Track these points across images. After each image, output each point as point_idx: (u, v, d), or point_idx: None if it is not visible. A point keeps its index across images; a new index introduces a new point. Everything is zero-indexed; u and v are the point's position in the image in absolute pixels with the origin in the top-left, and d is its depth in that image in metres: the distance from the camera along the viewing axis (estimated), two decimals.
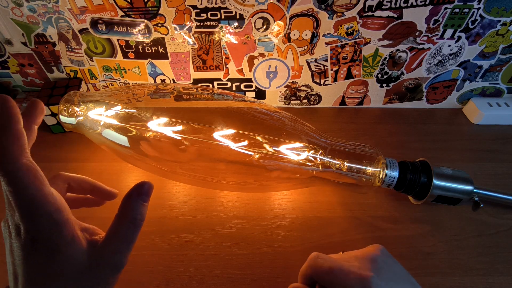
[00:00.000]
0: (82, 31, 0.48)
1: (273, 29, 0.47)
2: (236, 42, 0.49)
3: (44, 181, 0.21)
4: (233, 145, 0.38)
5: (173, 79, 0.54)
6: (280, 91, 0.56)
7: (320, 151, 0.39)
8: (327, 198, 0.43)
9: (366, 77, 0.54)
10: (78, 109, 0.43)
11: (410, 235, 0.39)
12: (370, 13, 0.45)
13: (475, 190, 0.38)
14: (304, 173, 0.39)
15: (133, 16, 0.46)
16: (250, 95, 0.57)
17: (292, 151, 0.38)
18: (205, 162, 0.40)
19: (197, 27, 0.47)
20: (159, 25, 0.47)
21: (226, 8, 0.45)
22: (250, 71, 0.53)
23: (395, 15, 0.45)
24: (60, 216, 0.21)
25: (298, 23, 0.47)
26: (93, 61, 0.52)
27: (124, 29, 0.47)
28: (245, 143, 0.38)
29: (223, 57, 0.51)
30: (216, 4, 0.44)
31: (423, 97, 0.57)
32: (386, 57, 0.51)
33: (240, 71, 0.53)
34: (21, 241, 0.21)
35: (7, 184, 0.20)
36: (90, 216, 0.40)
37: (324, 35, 0.48)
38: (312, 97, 0.57)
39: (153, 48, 0.50)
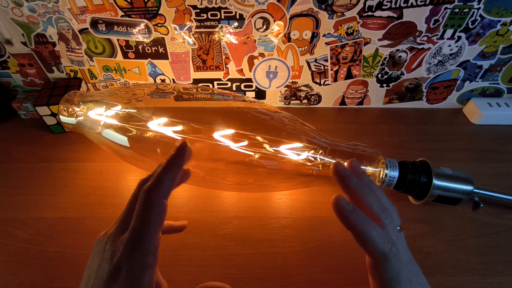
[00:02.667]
0: (82, 31, 0.48)
1: (273, 29, 0.47)
2: (236, 42, 0.49)
3: (161, 224, 0.23)
4: (233, 145, 0.38)
5: (173, 79, 0.54)
6: (280, 91, 0.56)
7: (320, 151, 0.39)
8: (327, 198, 0.43)
9: (366, 77, 0.54)
10: (78, 109, 0.43)
11: (410, 235, 0.39)
12: (370, 13, 0.45)
13: (475, 190, 0.38)
14: (304, 173, 0.39)
15: (133, 16, 0.46)
16: (250, 95, 0.57)
17: (292, 151, 0.38)
18: (205, 162, 0.40)
19: (197, 27, 0.47)
20: (159, 25, 0.47)
21: (226, 8, 0.45)
22: (250, 71, 0.53)
23: (395, 15, 0.45)
24: (152, 260, 0.22)
25: (298, 23, 0.47)
26: (93, 61, 0.52)
27: (124, 29, 0.47)
28: (245, 143, 0.38)
29: (223, 57, 0.51)
30: (216, 4, 0.44)
31: (423, 97, 0.57)
32: (386, 57, 0.51)
33: (240, 71, 0.53)
34: (111, 265, 0.22)
35: (142, 208, 0.22)
36: (90, 216, 0.41)
37: (324, 35, 0.48)
38: (312, 97, 0.57)
39: (153, 48, 0.50)
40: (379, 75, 0.53)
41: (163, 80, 0.55)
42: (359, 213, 0.25)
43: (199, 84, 0.55)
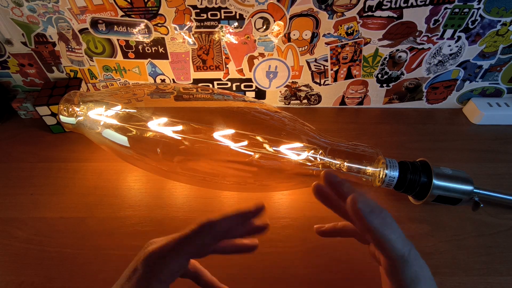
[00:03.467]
0: (82, 31, 0.48)
1: (273, 29, 0.47)
2: (236, 42, 0.49)
3: (194, 255, 0.25)
4: (233, 145, 0.38)
5: (173, 79, 0.54)
6: (280, 91, 0.56)
7: (320, 151, 0.39)
8: None
9: (366, 77, 0.54)
10: (78, 109, 0.43)
11: (410, 235, 0.39)
12: (370, 13, 0.45)
13: (475, 190, 0.38)
14: (304, 173, 0.39)
15: (133, 16, 0.46)
16: (250, 95, 0.57)
17: (292, 151, 0.38)
18: (205, 162, 0.40)
19: (197, 27, 0.47)
20: (159, 25, 0.47)
21: (226, 8, 0.45)
22: (250, 71, 0.53)
23: (395, 15, 0.45)
24: (165, 278, 0.24)
25: (298, 23, 0.47)
26: (93, 61, 0.52)
27: (124, 29, 0.47)
28: (245, 143, 0.38)
29: (223, 57, 0.51)
30: (216, 4, 0.44)
31: (423, 97, 0.57)
32: (386, 57, 0.51)
33: (240, 71, 0.53)
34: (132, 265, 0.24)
35: (191, 230, 0.24)
36: (90, 216, 0.41)
37: (324, 35, 0.48)
38: (312, 97, 0.57)
39: (153, 48, 0.50)
40: (379, 75, 0.53)
41: (163, 80, 0.55)
42: (380, 215, 0.23)
43: (199, 84, 0.55)
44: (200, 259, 0.29)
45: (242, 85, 0.55)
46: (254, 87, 0.56)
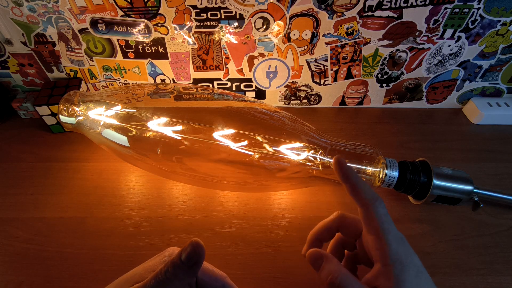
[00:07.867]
0: (82, 31, 0.48)
1: (273, 29, 0.47)
2: (236, 42, 0.49)
3: None
4: (233, 145, 0.38)
5: (173, 79, 0.54)
6: (280, 91, 0.56)
7: (320, 151, 0.39)
8: (327, 198, 0.43)
9: (366, 77, 0.54)
10: (78, 109, 0.43)
11: (410, 235, 0.39)
12: (370, 13, 0.45)
13: (475, 190, 0.38)
14: (304, 173, 0.39)
15: (133, 16, 0.46)
16: (250, 95, 0.57)
17: (292, 151, 0.38)
18: (205, 162, 0.40)
19: (197, 27, 0.47)
20: (159, 25, 0.47)
21: (226, 8, 0.45)
22: (250, 71, 0.53)
23: (395, 15, 0.45)
24: None
25: (298, 23, 0.47)
26: (93, 61, 0.52)
27: (124, 29, 0.47)
28: (245, 143, 0.38)
29: (223, 57, 0.51)
30: (216, 4, 0.44)
31: (423, 97, 0.57)
32: (386, 57, 0.51)
33: (240, 71, 0.53)
34: None
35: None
36: (90, 216, 0.41)
37: (324, 35, 0.48)
38: (312, 97, 0.57)
39: (153, 48, 0.50)
40: (379, 75, 0.53)
41: (163, 80, 0.55)
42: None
43: (199, 84, 0.55)
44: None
45: (242, 85, 0.55)
46: (254, 87, 0.56)
